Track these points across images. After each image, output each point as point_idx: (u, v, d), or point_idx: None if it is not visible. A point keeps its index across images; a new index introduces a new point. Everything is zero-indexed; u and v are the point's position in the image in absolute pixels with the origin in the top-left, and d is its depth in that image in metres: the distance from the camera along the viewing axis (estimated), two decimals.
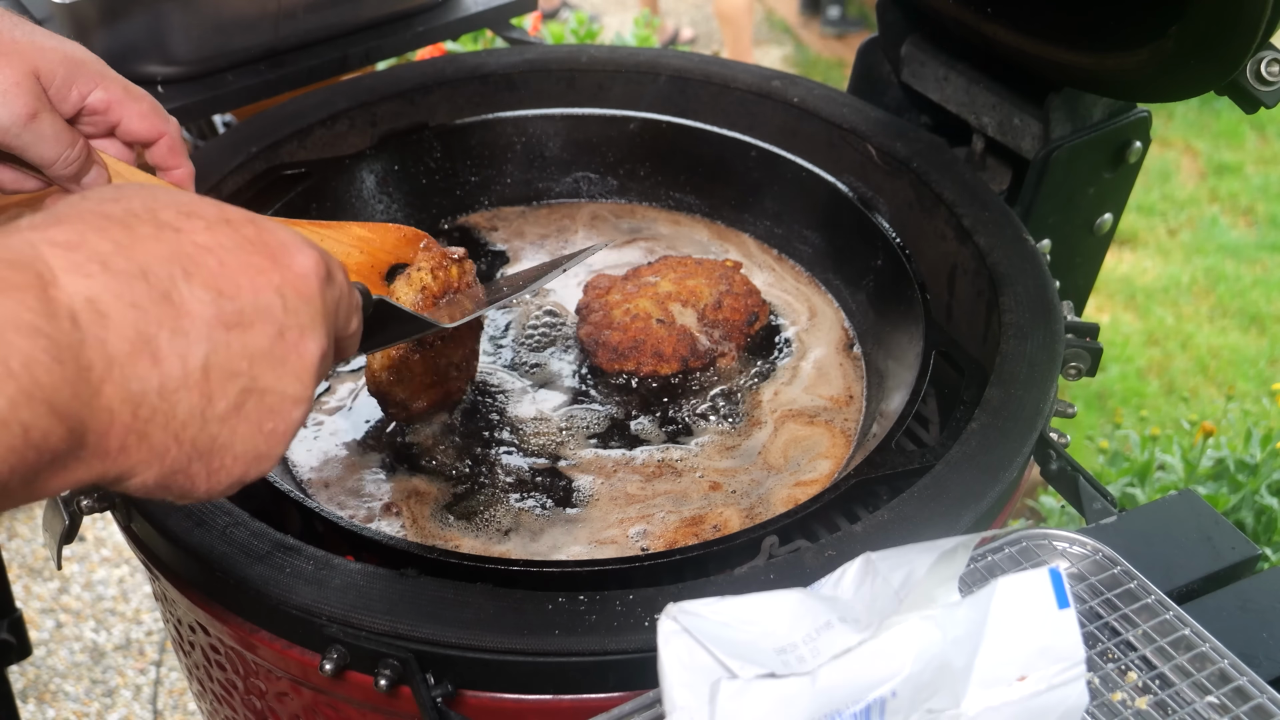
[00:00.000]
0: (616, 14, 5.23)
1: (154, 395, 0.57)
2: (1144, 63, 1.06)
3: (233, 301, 0.60)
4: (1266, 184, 4.07)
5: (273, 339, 0.62)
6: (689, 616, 0.66)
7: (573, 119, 1.45)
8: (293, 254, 0.64)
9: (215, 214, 0.62)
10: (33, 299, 0.52)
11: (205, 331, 0.59)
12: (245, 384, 0.61)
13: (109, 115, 0.97)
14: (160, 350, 0.57)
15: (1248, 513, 2.20)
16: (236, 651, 0.94)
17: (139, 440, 0.57)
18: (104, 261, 0.56)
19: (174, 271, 0.58)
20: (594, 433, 1.16)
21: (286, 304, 0.63)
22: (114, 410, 0.55)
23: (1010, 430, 0.98)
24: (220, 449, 0.61)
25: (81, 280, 0.55)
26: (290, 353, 0.63)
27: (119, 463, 0.57)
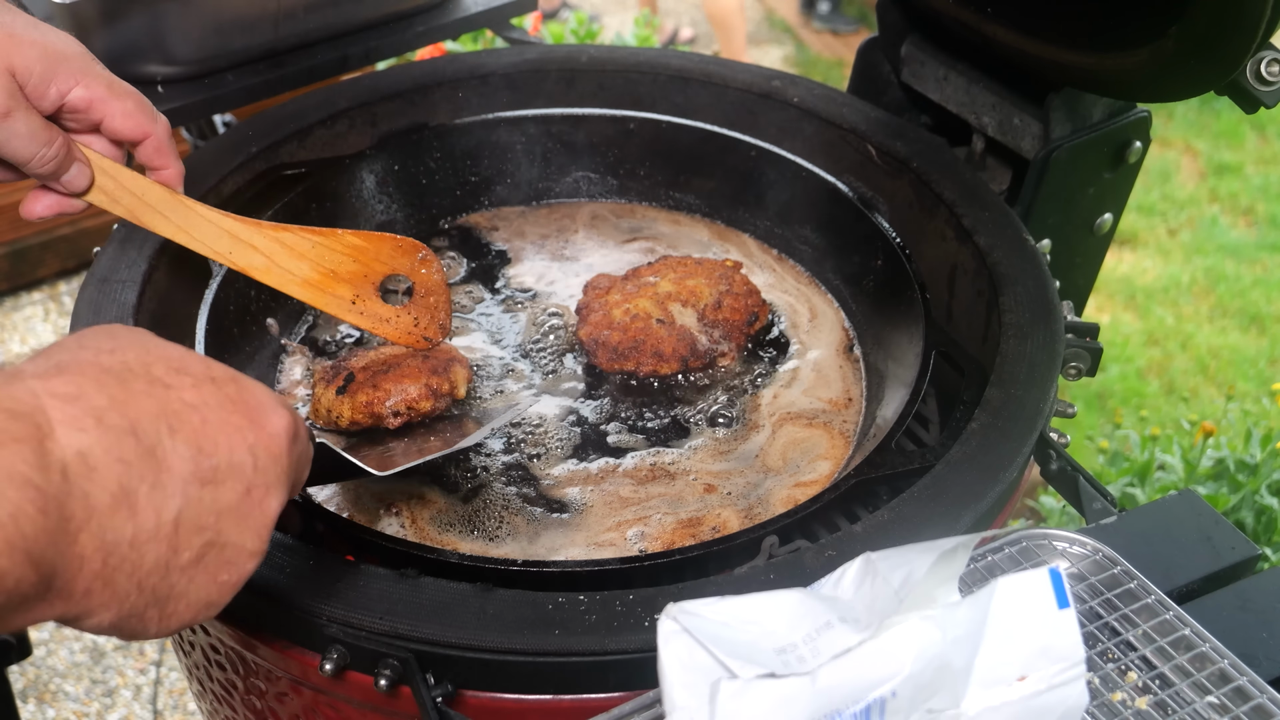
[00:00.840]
0: (616, 14, 5.23)
1: (125, 545, 0.60)
2: (1144, 63, 1.06)
3: (210, 458, 0.63)
4: (1266, 184, 4.07)
5: (240, 496, 0.65)
6: (689, 616, 0.66)
7: (573, 119, 1.45)
8: (268, 414, 0.68)
9: (202, 371, 0.66)
10: (29, 451, 0.55)
11: (181, 487, 0.62)
12: (210, 537, 0.64)
13: (91, 113, 0.95)
14: (139, 503, 0.60)
15: (1248, 513, 2.20)
16: (236, 652, 0.94)
17: (104, 586, 0.59)
18: (99, 417, 0.59)
19: (160, 427, 0.62)
20: (593, 433, 1.16)
21: (257, 463, 0.66)
22: (86, 557, 0.58)
23: (1010, 430, 0.98)
24: (176, 596, 0.64)
25: (76, 434, 0.58)
26: (254, 509, 0.66)
27: (81, 605, 0.59)
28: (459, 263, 1.39)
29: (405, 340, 1.14)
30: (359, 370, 1.12)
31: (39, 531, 0.55)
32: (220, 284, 1.17)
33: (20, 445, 0.55)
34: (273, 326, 1.26)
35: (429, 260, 1.13)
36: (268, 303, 1.25)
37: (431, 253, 1.13)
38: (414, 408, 1.09)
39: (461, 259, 1.39)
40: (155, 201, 1.02)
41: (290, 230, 1.08)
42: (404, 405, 1.09)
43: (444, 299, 1.15)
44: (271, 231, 1.07)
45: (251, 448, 0.66)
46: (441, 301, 1.15)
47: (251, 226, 1.05)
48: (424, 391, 1.09)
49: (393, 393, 1.09)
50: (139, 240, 1.18)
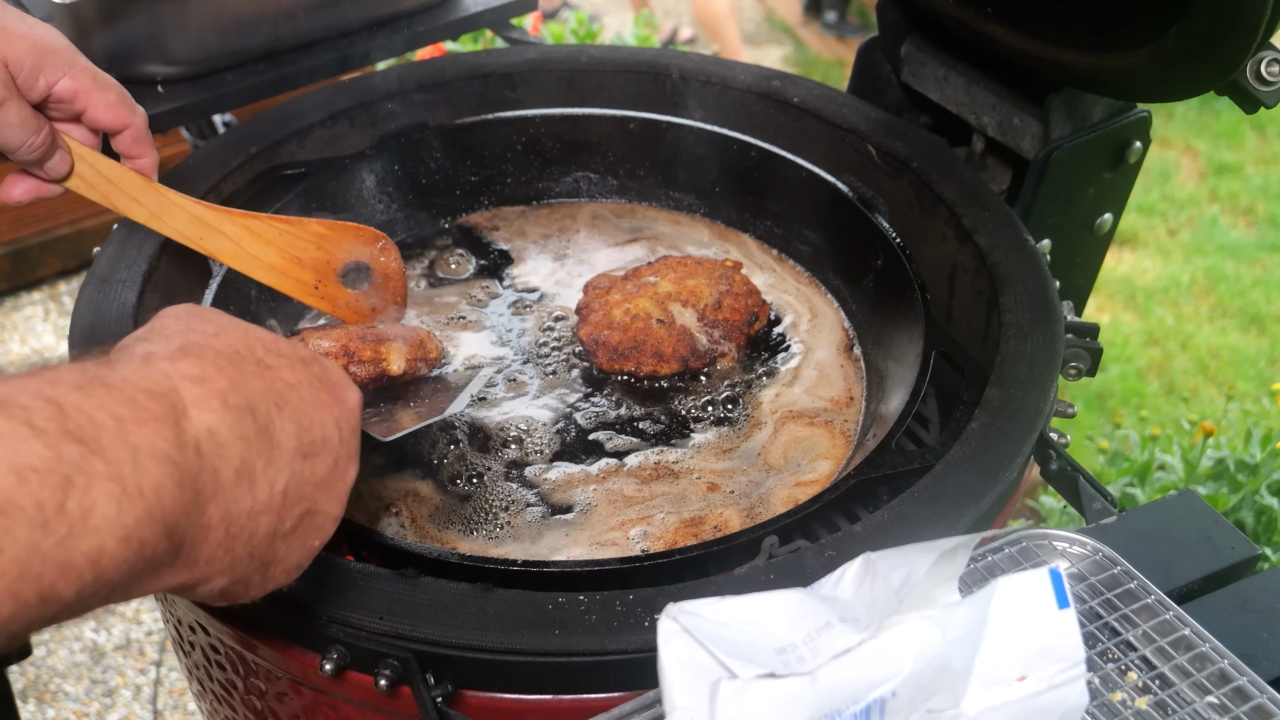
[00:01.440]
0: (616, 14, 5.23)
1: (244, 516, 0.65)
2: (1144, 63, 1.06)
3: (309, 433, 0.70)
4: (1266, 184, 4.07)
5: (330, 467, 0.72)
6: (689, 616, 0.66)
7: (573, 119, 1.45)
8: (346, 391, 0.75)
9: (292, 352, 0.72)
10: (168, 430, 0.60)
11: (288, 461, 0.68)
12: (308, 505, 0.70)
13: (75, 103, 0.99)
14: (256, 477, 0.66)
15: (1248, 513, 2.20)
16: (236, 652, 0.94)
17: (225, 553, 0.65)
18: (224, 397, 0.64)
19: (270, 406, 0.67)
20: (593, 434, 1.16)
21: (342, 435, 0.73)
22: (212, 527, 0.63)
23: (1010, 430, 0.98)
24: (277, 562, 0.70)
25: (206, 414, 0.63)
26: (339, 479, 0.73)
27: (202, 571, 0.64)
28: (467, 260, 1.39)
29: (362, 321, 1.20)
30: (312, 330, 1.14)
31: (175, 503, 0.59)
32: (220, 284, 1.17)
33: (160, 424, 0.59)
34: (273, 327, 1.26)
35: (388, 249, 1.20)
36: (268, 302, 1.25)
37: (390, 241, 1.20)
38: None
39: (470, 257, 1.39)
40: (130, 188, 1.06)
41: (258, 218, 1.13)
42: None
43: (400, 284, 1.22)
44: (240, 219, 1.12)
45: (338, 422, 0.72)
46: (398, 286, 1.22)
47: (221, 214, 1.11)
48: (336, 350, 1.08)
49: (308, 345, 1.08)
50: (139, 240, 1.18)
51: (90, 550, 0.55)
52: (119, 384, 0.60)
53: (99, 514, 0.55)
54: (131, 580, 0.58)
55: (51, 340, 3.21)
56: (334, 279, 1.18)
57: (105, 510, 0.55)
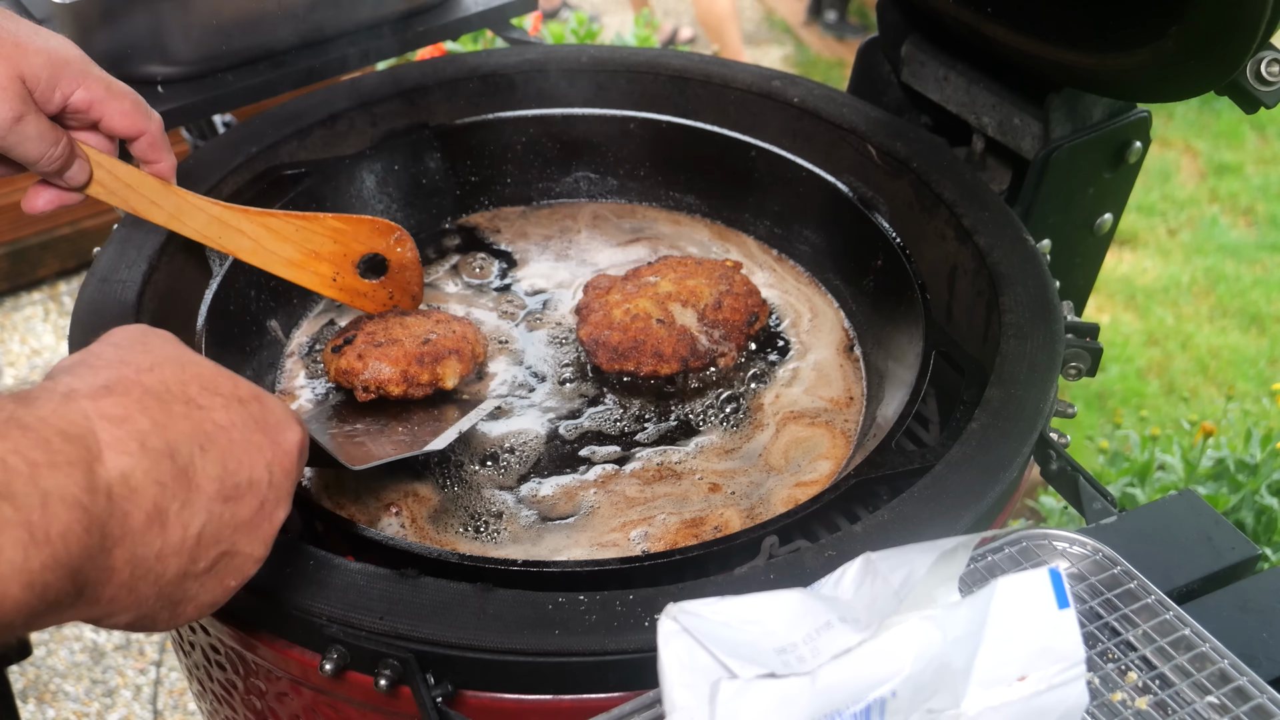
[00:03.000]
0: (616, 14, 5.23)
1: (152, 558, 0.65)
2: (1144, 63, 1.06)
3: (233, 476, 0.69)
4: (1266, 184, 4.07)
5: (255, 510, 0.71)
6: (689, 616, 0.66)
7: (573, 119, 1.45)
8: (284, 431, 0.74)
9: (230, 391, 0.72)
10: (80, 475, 0.60)
11: (207, 504, 0.68)
12: (225, 548, 0.70)
13: (91, 113, 1.00)
14: (169, 520, 0.65)
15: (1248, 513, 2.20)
16: (236, 652, 0.94)
17: (128, 594, 0.65)
18: (142, 440, 0.64)
19: (194, 449, 0.67)
20: (593, 434, 1.16)
21: (272, 479, 0.72)
22: (116, 569, 0.63)
23: (1010, 430, 0.98)
24: (188, 600, 0.70)
25: (122, 457, 0.63)
26: (265, 521, 0.73)
27: (105, 609, 0.64)
28: (490, 264, 1.39)
29: (380, 310, 1.23)
30: (362, 334, 1.17)
31: (81, 549, 0.59)
32: (220, 284, 1.17)
33: (72, 468, 0.59)
34: (274, 328, 1.26)
35: (403, 240, 1.21)
36: (268, 303, 1.25)
37: (405, 233, 1.21)
38: (383, 388, 1.12)
39: (493, 261, 1.39)
40: (149, 192, 1.08)
41: (275, 215, 1.15)
42: (374, 384, 1.12)
43: (416, 274, 1.24)
44: (258, 217, 1.14)
45: (269, 465, 0.72)
46: (414, 276, 1.24)
47: (239, 212, 1.13)
48: (396, 376, 1.12)
49: (368, 369, 1.12)
50: (139, 240, 1.18)
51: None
52: (35, 425, 0.60)
53: (4, 560, 0.55)
54: (31, 619, 0.58)
55: (51, 340, 3.21)
56: (351, 271, 1.20)
57: (11, 556, 0.55)
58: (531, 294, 1.34)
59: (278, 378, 1.24)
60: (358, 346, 1.14)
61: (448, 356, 1.14)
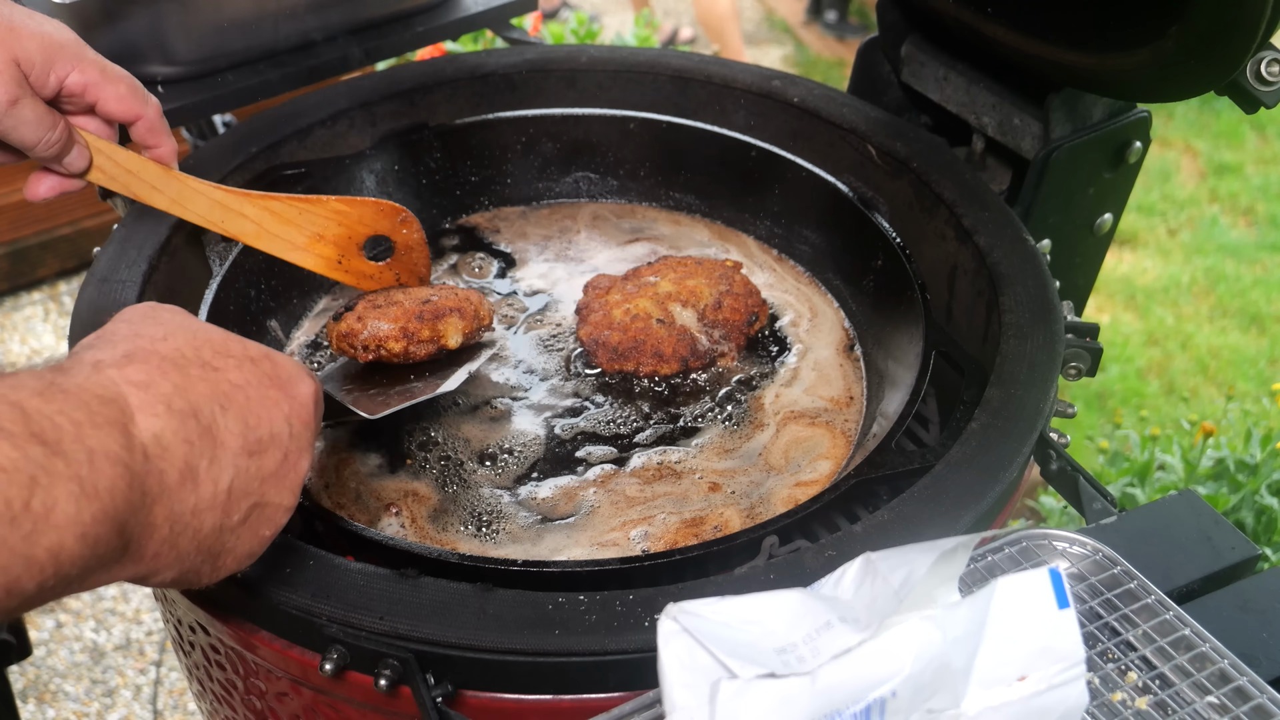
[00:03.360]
0: (616, 14, 5.23)
1: (189, 514, 0.68)
2: (1144, 63, 1.06)
3: (255, 431, 0.72)
4: (1266, 184, 4.07)
5: (279, 461, 0.74)
6: (689, 616, 0.66)
7: (573, 119, 1.45)
8: (298, 385, 0.77)
9: (241, 351, 0.75)
10: (119, 433, 0.63)
11: (233, 459, 0.71)
12: (256, 499, 0.73)
13: (86, 96, 1.00)
14: (200, 477, 0.68)
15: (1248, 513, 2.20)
16: (236, 651, 0.94)
17: (170, 549, 0.68)
18: (168, 402, 0.67)
19: (214, 408, 0.70)
20: (593, 434, 1.16)
21: (292, 430, 0.75)
22: (157, 525, 0.66)
23: (1010, 430, 0.98)
24: (226, 552, 0.73)
25: (151, 419, 0.66)
26: (290, 471, 0.76)
27: (149, 566, 0.67)
28: (489, 263, 1.39)
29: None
30: (363, 302, 1.16)
31: (126, 503, 0.62)
32: (220, 284, 1.17)
33: (112, 428, 0.63)
34: (274, 328, 1.26)
35: (409, 221, 1.20)
36: (268, 303, 1.25)
37: (411, 215, 1.20)
38: (383, 346, 1.09)
39: (492, 260, 1.39)
40: (150, 177, 1.07)
41: (278, 199, 1.14)
42: (373, 342, 1.09)
43: (423, 255, 1.22)
44: (260, 201, 1.13)
45: (287, 417, 0.75)
46: (420, 257, 1.22)
47: (241, 196, 1.12)
48: (395, 332, 1.09)
49: (367, 328, 1.09)
50: (139, 240, 1.18)
51: (52, 545, 0.58)
52: (75, 390, 0.63)
53: (60, 512, 0.58)
54: (85, 574, 0.61)
55: (51, 340, 3.21)
56: (357, 253, 1.19)
57: (66, 508, 0.58)
58: (531, 294, 1.34)
59: None
60: (357, 311, 1.13)
61: (449, 314, 1.12)
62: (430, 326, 1.11)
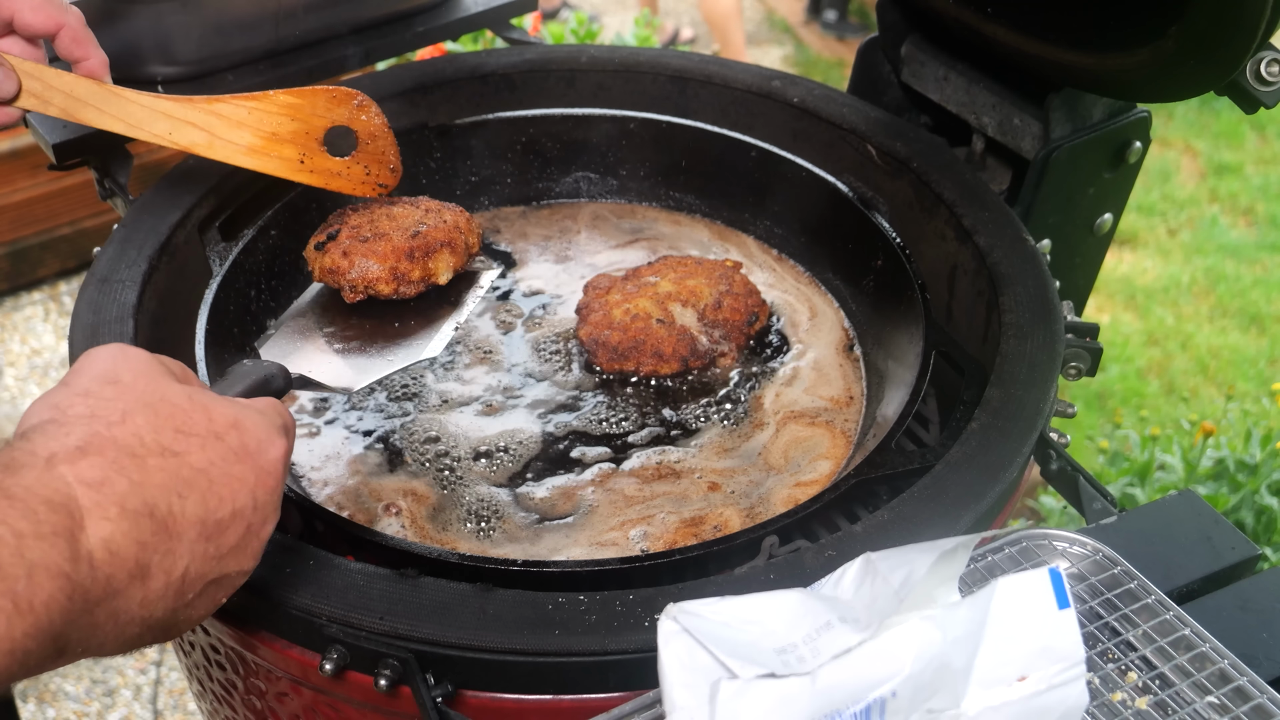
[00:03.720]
0: (616, 14, 5.23)
1: (135, 606, 0.65)
2: (1144, 63, 1.06)
3: (216, 514, 0.69)
4: (1266, 184, 4.07)
5: (241, 535, 0.72)
6: (689, 616, 0.66)
7: (573, 119, 1.45)
8: (266, 452, 0.74)
9: (205, 428, 0.71)
10: (64, 544, 0.60)
11: (189, 548, 0.68)
12: (214, 577, 0.71)
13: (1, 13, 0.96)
14: (151, 572, 0.66)
15: (1248, 513, 2.20)
16: (236, 651, 0.94)
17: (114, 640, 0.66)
18: (121, 503, 0.64)
19: (172, 498, 0.67)
20: (592, 434, 1.16)
21: (256, 503, 0.72)
22: (99, 625, 0.63)
23: (1010, 430, 0.98)
24: (178, 625, 0.71)
25: (103, 523, 0.63)
26: (252, 539, 0.73)
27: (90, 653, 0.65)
28: (492, 263, 1.39)
29: (361, 190, 1.13)
30: (346, 228, 1.11)
31: (63, 615, 0.60)
32: (220, 284, 1.17)
33: (58, 538, 0.60)
34: (274, 328, 1.26)
35: (366, 105, 1.13)
36: (268, 303, 1.25)
37: (367, 98, 1.13)
38: (372, 287, 1.07)
39: (493, 259, 1.39)
40: (85, 95, 1.02)
41: (224, 100, 1.08)
42: (361, 283, 1.07)
43: (389, 142, 1.15)
44: (206, 104, 1.07)
45: (252, 490, 0.72)
46: (387, 145, 1.15)
47: (186, 104, 1.06)
48: (386, 274, 1.07)
49: (355, 266, 1.07)
50: (139, 240, 1.18)
51: None
52: (22, 495, 0.60)
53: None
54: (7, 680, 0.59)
55: (51, 340, 3.21)
56: (319, 150, 1.12)
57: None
58: (531, 294, 1.34)
59: None
60: (342, 243, 1.08)
61: (439, 250, 1.09)
62: (421, 265, 1.07)
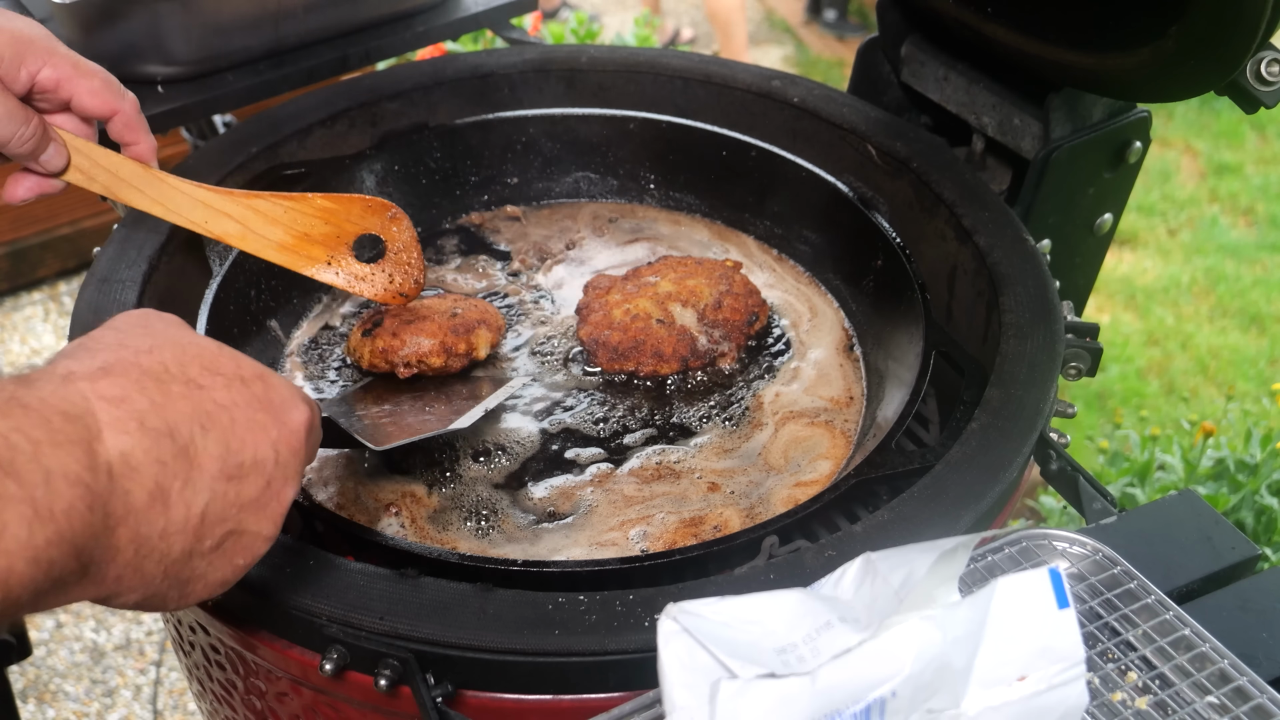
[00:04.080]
0: (616, 14, 5.23)
1: (156, 537, 0.65)
2: (1144, 63, 1.06)
3: (236, 455, 0.69)
4: (1266, 184, 4.07)
5: (261, 488, 0.71)
6: (689, 616, 0.66)
7: (573, 119, 1.45)
8: (290, 411, 0.74)
9: (233, 370, 0.71)
10: (81, 453, 0.60)
11: (209, 483, 0.68)
12: (231, 526, 0.70)
13: (60, 92, 0.98)
14: (171, 499, 0.65)
15: (1248, 513, 2.20)
16: (236, 651, 0.94)
17: (134, 572, 0.65)
18: (141, 420, 0.64)
19: (194, 428, 0.67)
20: (592, 434, 1.16)
21: (279, 457, 0.72)
22: (120, 548, 0.63)
23: (1010, 430, 0.98)
24: (196, 579, 0.70)
25: (121, 436, 0.63)
26: (272, 500, 0.72)
27: (110, 588, 0.65)
28: (492, 265, 1.39)
29: (383, 297, 1.16)
30: (389, 316, 1.19)
31: (85, 526, 0.60)
32: (220, 284, 1.17)
33: (74, 446, 0.60)
34: (274, 328, 1.26)
35: (399, 218, 1.16)
36: (268, 303, 1.25)
37: (400, 211, 1.16)
38: (424, 361, 1.15)
39: (494, 262, 1.39)
40: (129, 176, 1.05)
41: (262, 197, 1.11)
42: (415, 358, 1.15)
43: (416, 255, 1.18)
44: (244, 199, 1.10)
45: (274, 443, 0.72)
46: (414, 257, 1.18)
47: (224, 195, 1.09)
48: (437, 348, 1.15)
49: (407, 344, 1.15)
50: (139, 240, 1.18)
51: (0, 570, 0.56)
52: (36, 405, 0.60)
53: (10, 536, 0.56)
54: (38, 597, 0.59)
55: (51, 340, 3.21)
56: (347, 254, 1.15)
57: (17, 532, 0.56)
58: (531, 294, 1.34)
59: None
60: (389, 327, 1.16)
61: (478, 327, 1.17)
62: (465, 340, 1.16)
